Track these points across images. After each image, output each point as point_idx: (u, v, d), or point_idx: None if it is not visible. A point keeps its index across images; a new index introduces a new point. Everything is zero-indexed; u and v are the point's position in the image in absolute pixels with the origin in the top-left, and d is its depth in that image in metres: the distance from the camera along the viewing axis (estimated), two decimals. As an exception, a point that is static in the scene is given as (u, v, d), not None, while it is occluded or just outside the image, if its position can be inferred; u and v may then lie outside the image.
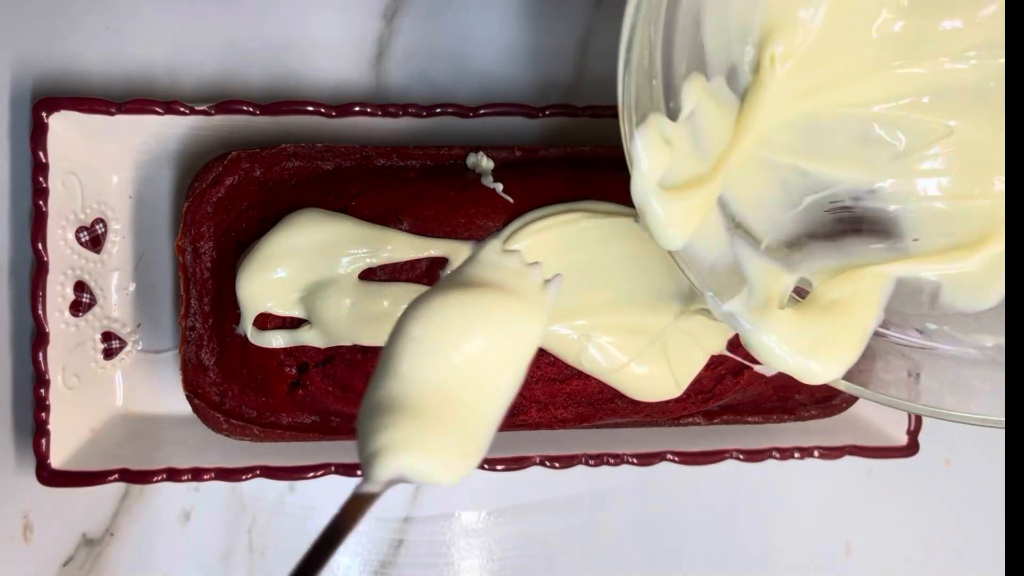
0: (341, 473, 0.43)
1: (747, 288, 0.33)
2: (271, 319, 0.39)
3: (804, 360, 0.32)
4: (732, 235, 0.34)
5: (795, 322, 0.32)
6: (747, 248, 0.34)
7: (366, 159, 0.42)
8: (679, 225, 0.32)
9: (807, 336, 0.32)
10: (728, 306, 0.32)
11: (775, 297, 0.33)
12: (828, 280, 0.34)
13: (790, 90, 0.34)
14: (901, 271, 0.34)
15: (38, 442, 0.41)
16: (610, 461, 0.45)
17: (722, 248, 0.34)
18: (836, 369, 0.32)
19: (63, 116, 0.41)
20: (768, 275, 0.33)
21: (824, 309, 0.33)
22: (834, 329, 0.33)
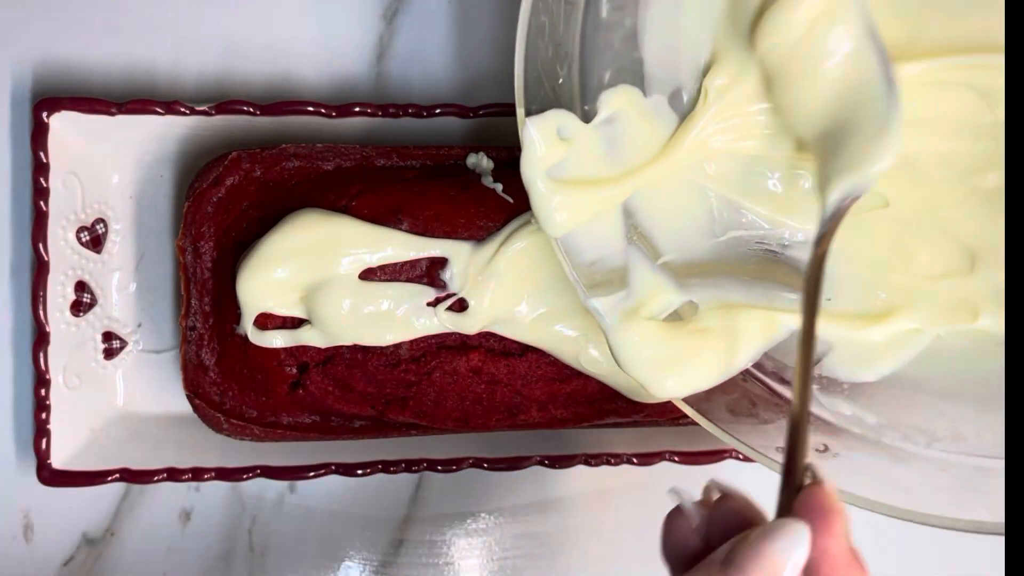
0: (341, 473, 0.43)
1: (624, 292, 0.34)
2: (271, 319, 0.39)
3: (655, 370, 0.33)
4: (629, 242, 0.35)
5: (658, 334, 0.33)
6: (641, 259, 0.35)
7: (366, 159, 0.42)
8: (562, 214, 0.33)
9: (663, 351, 0.33)
10: (595, 302, 0.33)
11: (648, 308, 0.34)
12: (715, 309, 0.35)
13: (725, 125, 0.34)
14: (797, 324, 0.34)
15: (38, 442, 0.42)
16: (610, 461, 0.45)
17: (612, 251, 0.34)
18: (678, 389, 0.33)
19: (64, 116, 0.41)
20: (653, 288, 0.34)
21: (694, 332, 0.34)
22: (698, 352, 0.33)
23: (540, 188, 0.33)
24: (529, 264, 0.39)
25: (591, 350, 0.40)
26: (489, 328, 0.39)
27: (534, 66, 0.34)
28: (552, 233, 0.34)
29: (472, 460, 0.44)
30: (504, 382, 0.40)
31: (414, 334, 0.39)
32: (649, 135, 0.35)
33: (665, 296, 0.34)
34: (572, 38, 0.34)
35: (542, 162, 0.33)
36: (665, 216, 0.36)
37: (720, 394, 0.34)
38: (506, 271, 0.39)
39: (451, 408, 0.41)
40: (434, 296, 0.39)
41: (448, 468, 0.44)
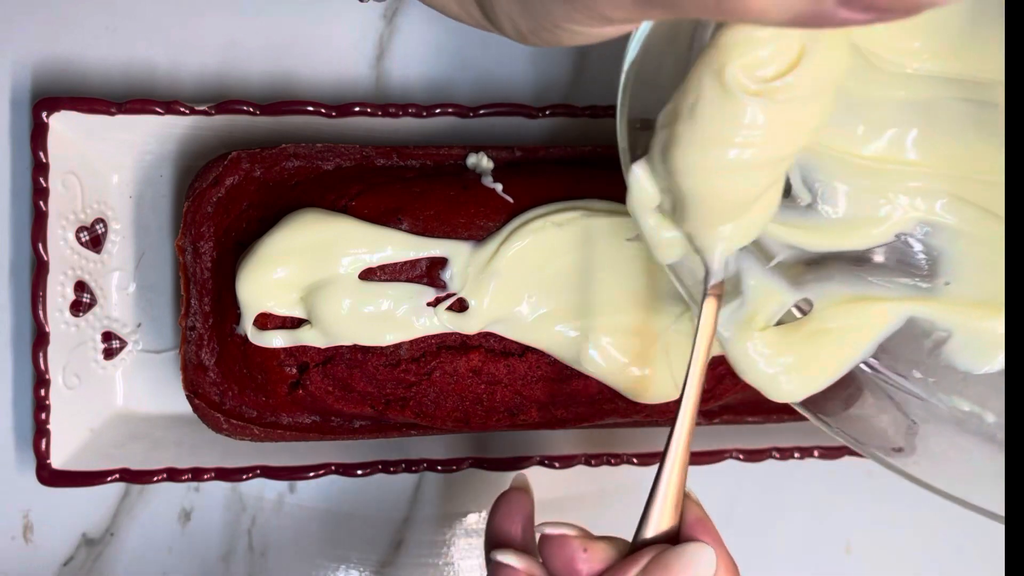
0: (341, 473, 0.43)
1: (739, 300, 0.33)
2: (271, 319, 0.39)
3: (772, 377, 0.33)
4: (738, 251, 0.33)
5: (773, 343, 0.33)
6: (753, 264, 0.33)
7: (366, 159, 0.42)
8: (673, 246, 0.32)
9: (783, 357, 0.33)
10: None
11: (762, 314, 0.33)
12: (832, 306, 0.34)
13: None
14: (921, 312, 0.33)
15: (38, 442, 0.42)
16: (610, 461, 0.45)
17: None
18: (796, 393, 0.33)
19: (63, 116, 0.41)
20: (766, 293, 0.33)
21: (811, 335, 0.33)
22: (812, 356, 0.33)
23: (650, 223, 0.32)
24: (529, 264, 0.39)
25: (591, 351, 0.40)
26: (489, 328, 0.39)
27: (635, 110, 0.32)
28: (664, 261, 0.33)
29: (472, 460, 0.44)
30: (504, 382, 0.40)
31: (414, 334, 0.39)
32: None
33: (779, 298, 0.33)
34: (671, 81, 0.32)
35: (650, 200, 0.31)
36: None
37: (836, 390, 0.34)
38: (506, 271, 0.39)
39: (451, 408, 0.41)
40: (434, 296, 0.39)
41: (448, 468, 0.44)
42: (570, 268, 0.39)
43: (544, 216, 0.39)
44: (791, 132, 0.28)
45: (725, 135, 0.28)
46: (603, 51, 0.48)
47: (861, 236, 0.34)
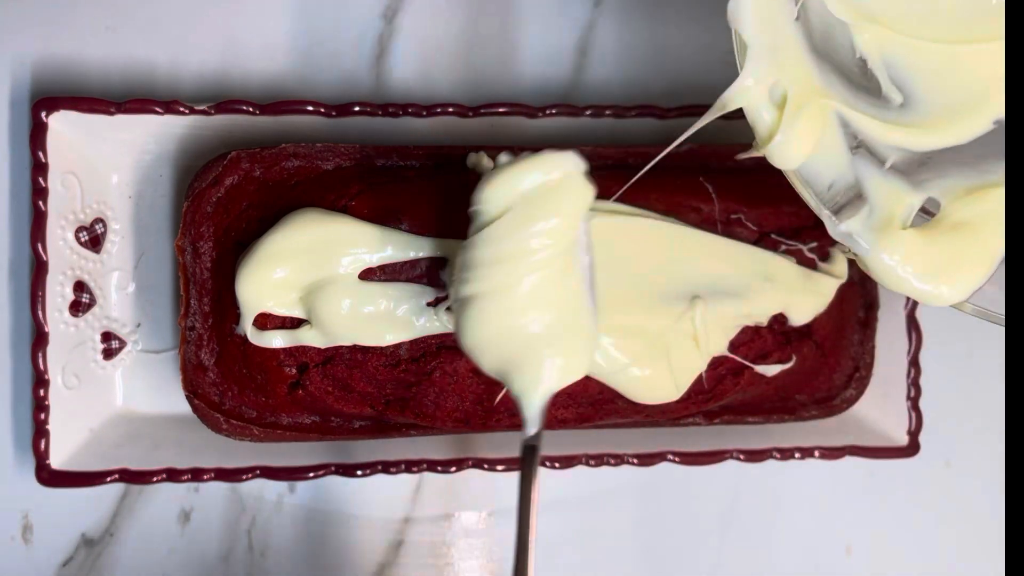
0: (341, 473, 0.43)
1: (867, 207, 0.31)
2: (271, 319, 0.39)
3: (927, 282, 0.31)
4: (855, 153, 0.32)
5: (918, 242, 0.31)
6: (870, 167, 0.32)
7: (366, 159, 0.42)
8: (796, 140, 0.30)
9: (931, 257, 0.31)
10: (845, 225, 0.31)
11: (897, 217, 0.32)
12: (959, 199, 0.32)
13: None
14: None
15: (38, 442, 0.41)
16: (610, 461, 0.44)
17: (842, 168, 0.32)
18: (960, 291, 0.31)
19: (63, 116, 0.41)
20: (891, 195, 0.32)
21: (951, 229, 0.32)
22: (961, 250, 0.31)
23: (766, 119, 0.30)
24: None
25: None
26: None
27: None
28: (789, 166, 0.31)
29: (472, 460, 0.44)
30: (504, 382, 0.40)
31: (414, 334, 0.39)
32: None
33: (906, 200, 0.32)
34: None
35: (761, 88, 0.30)
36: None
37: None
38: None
39: (451, 408, 0.41)
40: (434, 296, 0.39)
41: (448, 468, 0.44)
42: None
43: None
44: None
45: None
46: (603, 51, 0.48)
47: (961, 127, 0.33)
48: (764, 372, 0.43)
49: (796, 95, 0.30)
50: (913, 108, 0.33)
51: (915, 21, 0.33)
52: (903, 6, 0.33)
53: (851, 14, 0.32)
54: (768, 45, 0.30)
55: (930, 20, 0.33)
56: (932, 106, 0.33)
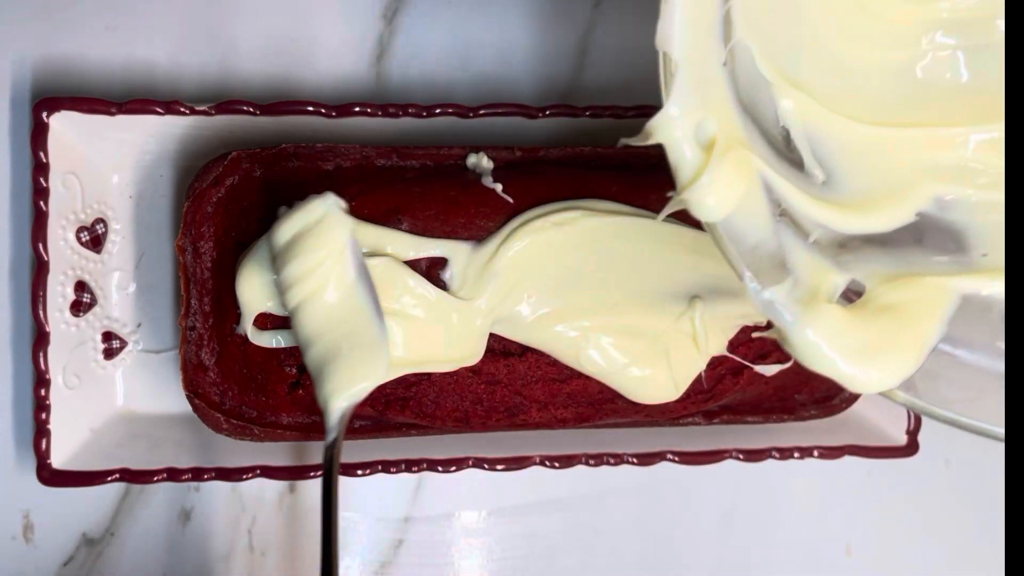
0: (341, 473, 0.43)
1: (792, 279, 0.28)
2: (271, 319, 0.39)
3: (855, 365, 0.28)
4: (778, 221, 0.29)
5: (846, 320, 0.28)
6: (793, 239, 0.29)
7: (366, 159, 0.42)
8: (723, 188, 0.27)
9: (859, 338, 0.28)
10: (770, 293, 0.27)
11: (823, 292, 0.29)
12: (883, 284, 0.30)
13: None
14: (966, 287, 0.30)
15: (38, 442, 0.42)
16: (610, 461, 0.45)
17: (765, 233, 0.29)
18: (892, 378, 0.28)
19: (63, 116, 0.41)
20: (815, 270, 0.29)
21: (880, 311, 0.29)
22: (891, 333, 0.29)
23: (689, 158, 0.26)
24: (529, 264, 0.39)
25: (591, 351, 0.40)
26: (489, 328, 0.39)
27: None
28: (712, 217, 0.27)
29: (472, 460, 0.44)
30: (504, 382, 0.40)
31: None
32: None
33: (830, 277, 0.29)
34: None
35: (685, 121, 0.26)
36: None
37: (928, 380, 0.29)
38: (506, 271, 0.39)
39: (451, 408, 0.41)
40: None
41: (448, 468, 0.44)
42: (570, 268, 0.39)
43: (544, 216, 0.39)
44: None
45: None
46: (603, 51, 0.48)
47: (884, 216, 0.31)
48: (763, 372, 0.43)
49: (724, 138, 0.27)
50: (835, 188, 0.31)
51: (841, 97, 0.31)
52: (829, 80, 0.31)
53: (777, 75, 0.30)
54: (696, 78, 0.26)
55: (856, 98, 0.31)
56: (854, 189, 0.31)
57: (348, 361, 0.36)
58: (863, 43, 0.32)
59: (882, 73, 0.32)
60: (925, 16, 0.31)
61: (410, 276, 0.38)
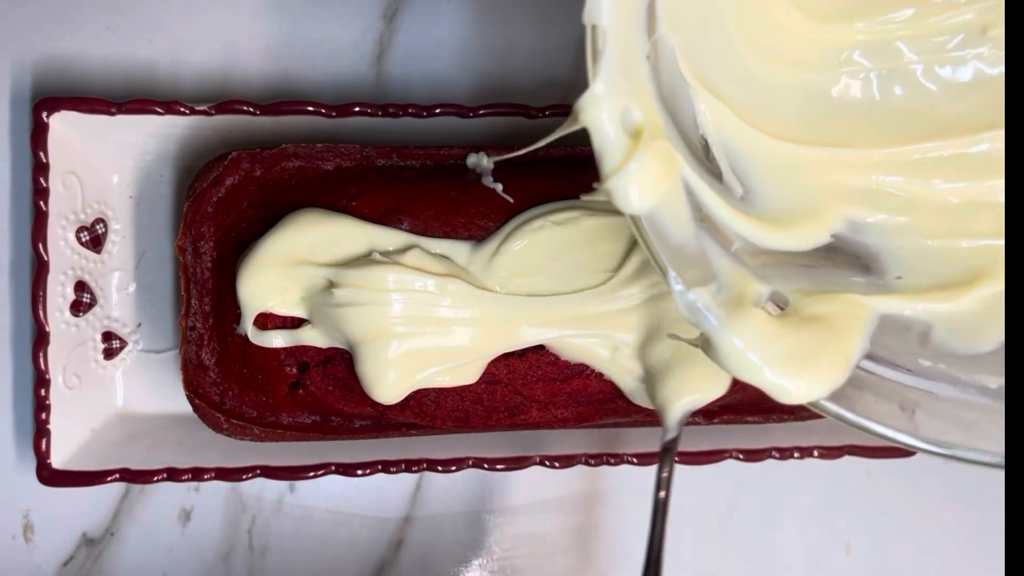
0: (341, 473, 0.43)
1: (716, 284, 0.27)
2: (271, 319, 0.39)
3: (782, 374, 0.27)
4: (699, 226, 0.28)
5: (772, 328, 0.27)
6: (715, 247, 0.28)
7: (366, 159, 0.42)
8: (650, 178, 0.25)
9: (785, 346, 0.27)
10: (694, 295, 0.26)
11: (748, 298, 0.28)
12: (805, 297, 0.29)
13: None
14: (883, 307, 0.30)
15: (38, 442, 0.42)
16: (610, 461, 0.45)
17: (688, 235, 0.28)
18: (819, 389, 0.28)
19: (63, 116, 0.41)
20: (739, 277, 0.28)
21: (806, 321, 0.28)
22: (817, 344, 0.28)
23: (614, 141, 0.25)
24: (530, 264, 0.39)
25: (591, 348, 0.40)
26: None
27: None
28: (638, 209, 0.26)
29: (472, 460, 0.44)
30: (504, 382, 0.40)
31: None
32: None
33: (753, 286, 0.28)
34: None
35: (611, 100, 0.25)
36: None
37: (855, 391, 0.29)
38: (506, 270, 0.39)
39: (451, 408, 0.41)
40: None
41: (448, 468, 0.44)
42: (569, 266, 0.39)
43: (544, 216, 0.39)
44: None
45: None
46: (603, 51, 0.48)
47: (797, 235, 0.31)
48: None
49: (649, 128, 0.25)
50: (752, 203, 0.31)
51: (755, 111, 0.31)
52: (744, 93, 0.31)
53: (696, 79, 0.30)
54: (623, 60, 0.25)
55: (770, 114, 0.31)
56: (770, 205, 0.31)
57: (695, 368, 0.34)
58: (778, 60, 0.31)
59: (795, 91, 0.32)
60: (840, 38, 0.31)
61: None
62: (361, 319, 0.37)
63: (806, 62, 0.32)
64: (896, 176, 0.32)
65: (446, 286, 0.38)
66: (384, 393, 0.38)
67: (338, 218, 0.39)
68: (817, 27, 0.32)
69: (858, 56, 0.32)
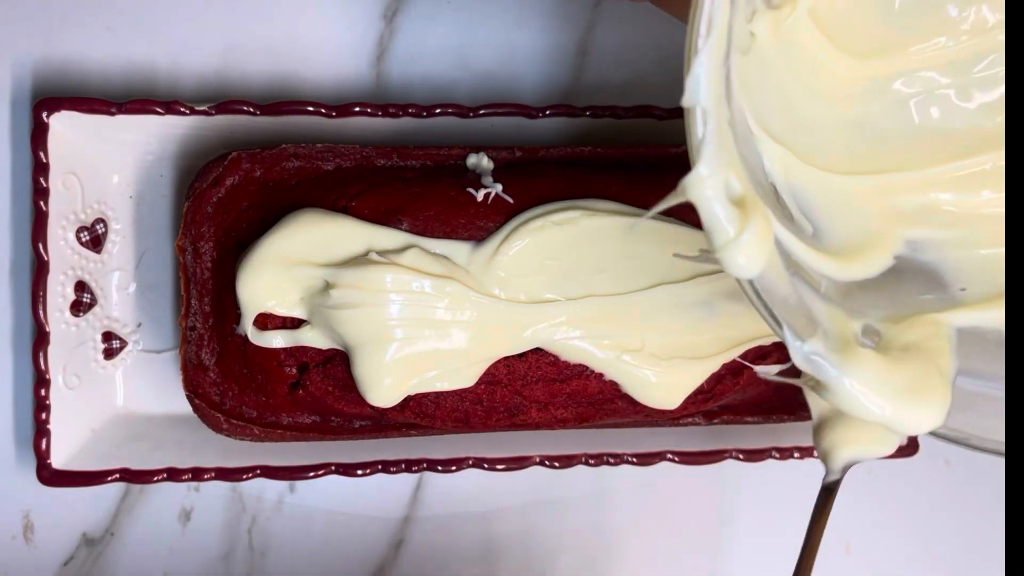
0: (341, 473, 0.43)
1: (822, 330, 0.28)
2: (271, 319, 0.39)
3: (902, 407, 0.28)
4: (792, 275, 0.29)
5: (883, 365, 0.28)
6: (808, 290, 0.29)
7: (366, 159, 0.42)
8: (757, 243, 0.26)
9: (897, 380, 0.28)
10: (810, 347, 0.27)
11: (851, 338, 0.29)
12: (893, 326, 0.31)
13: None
14: (956, 320, 0.31)
15: (38, 442, 0.42)
16: (610, 461, 0.45)
17: (788, 287, 0.28)
18: (937, 416, 0.29)
19: (63, 116, 0.41)
20: (836, 318, 0.29)
21: (904, 351, 0.29)
22: (921, 372, 0.29)
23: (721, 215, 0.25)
24: (530, 264, 0.39)
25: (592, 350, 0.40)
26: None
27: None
28: (750, 273, 0.26)
29: (472, 460, 0.44)
30: (504, 382, 0.40)
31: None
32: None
33: (849, 324, 0.29)
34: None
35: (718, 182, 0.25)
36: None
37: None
38: (506, 271, 0.39)
39: (451, 408, 0.41)
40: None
41: (448, 468, 0.44)
42: (569, 266, 0.39)
43: (544, 216, 0.39)
44: None
45: None
46: (604, 51, 0.48)
47: (866, 262, 0.32)
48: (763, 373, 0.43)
49: (750, 195, 0.26)
50: (820, 239, 0.32)
51: (812, 150, 0.32)
52: (800, 136, 0.32)
53: (760, 130, 0.31)
54: (720, 135, 0.26)
55: (825, 151, 0.33)
56: (837, 239, 0.32)
57: (868, 425, 0.31)
58: (826, 98, 0.33)
59: (845, 125, 0.34)
60: (879, 71, 0.34)
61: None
62: (357, 321, 0.37)
63: (851, 97, 0.34)
64: (946, 193, 0.34)
65: (444, 287, 0.38)
66: (379, 397, 0.38)
67: (338, 218, 0.39)
68: (857, 63, 0.34)
69: (898, 86, 0.34)
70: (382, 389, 0.38)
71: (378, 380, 0.38)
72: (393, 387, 0.38)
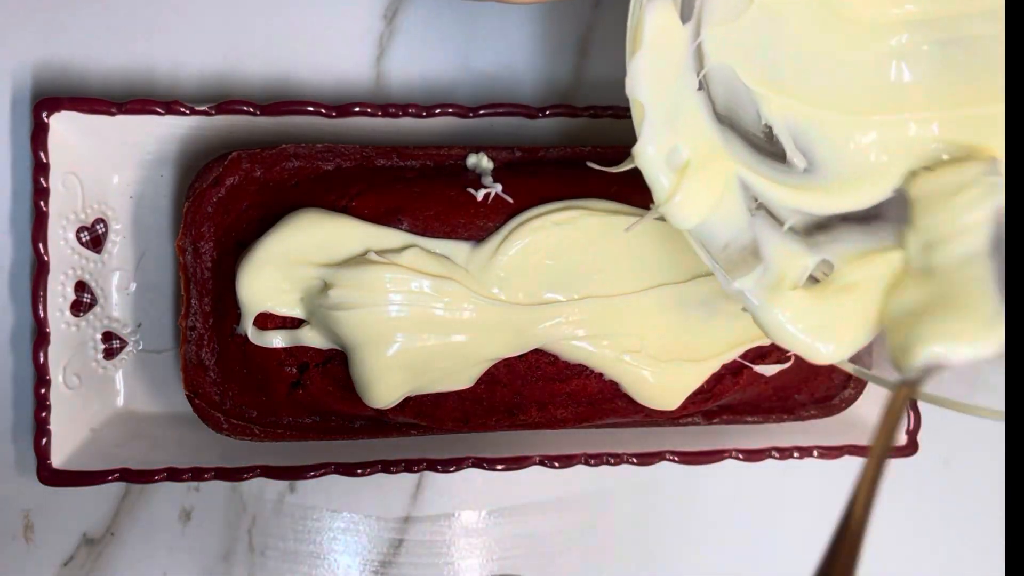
0: (341, 473, 0.43)
1: (761, 266, 0.33)
2: (271, 319, 0.39)
3: (811, 340, 0.33)
4: (754, 215, 0.34)
5: (806, 302, 0.33)
6: (767, 229, 0.34)
7: (366, 159, 0.42)
8: (692, 203, 0.32)
9: (817, 317, 0.33)
10: (739, 283, 0.33)
11: (789, 277, 0.33)
12: (850, 262, 0.34)
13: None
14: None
15: (38, 442, 0.42)
16: (610, 461, 0.45)
17: (738, 230, 0.34)
18: (842, 351, 0.33)
19: (64, 116, 0.41)
20: (787, 256, 0.34)
21: (838, 291, 0.33)
22: (846, 311, 0.33)
23: (663, 183, 0.32)
24: (529, 264, 0.39)
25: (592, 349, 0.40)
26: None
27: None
28: (685, 226, 0.33)
29: (472, 460, 0.44)
30: (503, 382, 0.41)
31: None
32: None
33: (800, 261, 0.34)
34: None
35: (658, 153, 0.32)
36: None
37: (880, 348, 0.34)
38: (506, 271, 0.39)
39: (451, 408, 0.41)
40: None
41: (448, 468, 0.44)
42: (569, 266, 0.39)
43: (544, 216, 0.39)
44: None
45: None
46: (603, 51, 0.48)
47: (862, 193, 0.35)
48: (763, 372, 0.43)
49: (695, 159, 0.32)
50: (815, 173, 0.35)
51: (819, 92, 0.35)
52: (809, 79, 0.35)
53: (763, 85, 0.35)
54: (665, 113, 0.32)
55: (831, 92, 0.35)
56: (834, 172, 0.35)
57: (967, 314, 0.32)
58: (839, 45, 0.35)
59: (857, 68, 0.35)
60: (888, 17, 0.35)
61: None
62: (355, 321, 0.37)
63: (863, 41, 0.35)
64: (948, 133, 0.35)
65: (443, 287, 0.38)
66: (377, 398, 0.38)
67: (338, 218, 0.39)
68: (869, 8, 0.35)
69: (909, 32, 0.35)
70: (381, 390, 0.38)
71: (375, 381, 0.38)
72: (392, 388, 0.38)
